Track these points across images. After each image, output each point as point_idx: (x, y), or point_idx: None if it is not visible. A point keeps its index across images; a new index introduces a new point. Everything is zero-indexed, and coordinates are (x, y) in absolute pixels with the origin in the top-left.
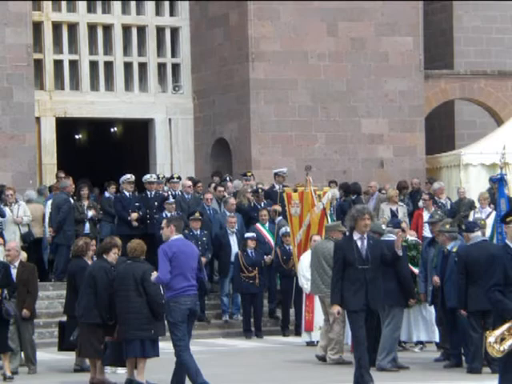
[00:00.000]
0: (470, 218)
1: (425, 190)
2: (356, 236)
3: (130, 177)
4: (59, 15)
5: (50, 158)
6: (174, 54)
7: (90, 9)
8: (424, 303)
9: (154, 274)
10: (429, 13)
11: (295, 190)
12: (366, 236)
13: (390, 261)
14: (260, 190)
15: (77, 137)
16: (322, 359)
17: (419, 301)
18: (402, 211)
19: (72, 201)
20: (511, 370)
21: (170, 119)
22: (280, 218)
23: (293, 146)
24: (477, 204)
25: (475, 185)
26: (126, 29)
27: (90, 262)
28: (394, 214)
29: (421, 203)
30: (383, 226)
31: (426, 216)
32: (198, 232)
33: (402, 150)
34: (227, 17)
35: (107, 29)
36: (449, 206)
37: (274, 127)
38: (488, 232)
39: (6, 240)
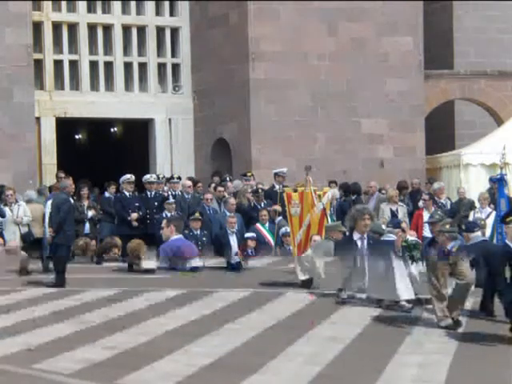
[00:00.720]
0: (470, 218)
1: (425, 190)
2: (356, 236)
3: (129, 177)
4: (59, 15)
5: (50, 158)
6: (174, 54)
7: (90, 9)
8: None
9: None
10: (429, 13)
11: (295, 190)
12: (365, 236)
13: None
14: (260, 190)
15: (77, 137)
16: None
17: None
18: (402, 211)
19: (72, 201)
20: None
21: (170, 119)
22: (280, 218)
23: (293, 146)
24: (477, 204)
25: (475, 185)
26: (126, 29)
27: None
28: (394, 214)
29: (421, 203)
30: (383, 226)
31: (426, 216)
32: (198, 232)
33: (402, 150)
34: (227, 17)
35: (107, 29)
36: (449, 206)
37: (274, 127)
38: (488, 232)
39: (6, 240)
